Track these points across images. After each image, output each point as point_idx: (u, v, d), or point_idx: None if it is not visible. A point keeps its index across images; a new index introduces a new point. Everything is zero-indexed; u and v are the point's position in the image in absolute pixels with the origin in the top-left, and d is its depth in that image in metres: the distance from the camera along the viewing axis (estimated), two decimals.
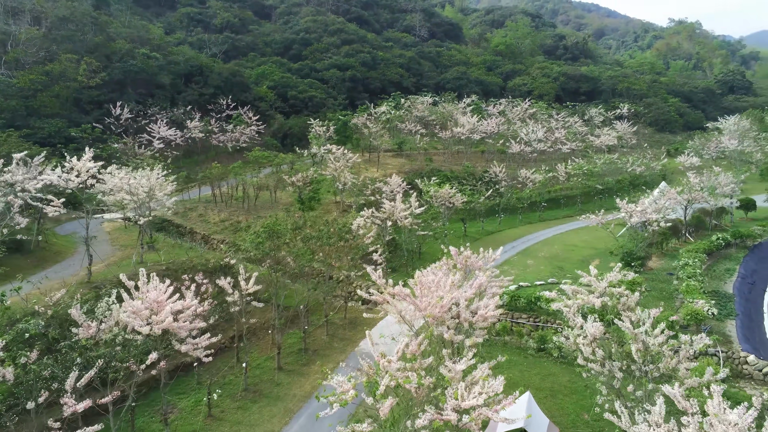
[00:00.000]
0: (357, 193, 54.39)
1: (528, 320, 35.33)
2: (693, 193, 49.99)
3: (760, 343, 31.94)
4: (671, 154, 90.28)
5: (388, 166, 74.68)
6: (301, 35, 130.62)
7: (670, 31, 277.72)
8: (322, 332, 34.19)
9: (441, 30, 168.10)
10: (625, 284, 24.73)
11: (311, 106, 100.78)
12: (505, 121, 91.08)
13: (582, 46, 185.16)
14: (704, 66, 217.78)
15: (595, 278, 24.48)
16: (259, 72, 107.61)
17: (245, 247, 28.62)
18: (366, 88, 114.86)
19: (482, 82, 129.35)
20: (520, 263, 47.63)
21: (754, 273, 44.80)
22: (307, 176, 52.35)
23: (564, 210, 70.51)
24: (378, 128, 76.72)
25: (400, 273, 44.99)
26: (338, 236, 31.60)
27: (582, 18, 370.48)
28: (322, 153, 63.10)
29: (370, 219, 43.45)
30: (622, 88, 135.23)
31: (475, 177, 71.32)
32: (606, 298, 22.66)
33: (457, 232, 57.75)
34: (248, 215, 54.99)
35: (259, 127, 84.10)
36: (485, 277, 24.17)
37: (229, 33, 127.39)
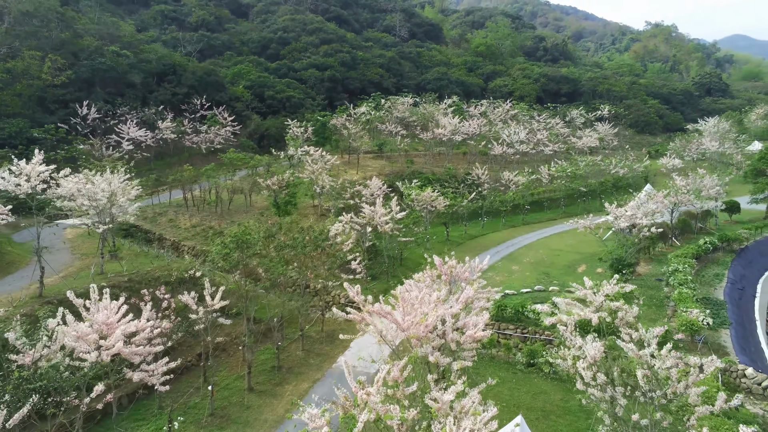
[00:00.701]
0: (335, 196, 52.21)
1: (515, 331, 33.59)
2: (679, 196, 48.88)
3: (757, 354, 30.66)
4: (653, 155, 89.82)
5: (368, 168, 72.64)
6: (279, 34, 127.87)
7: (646, 33, 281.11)
8: (297, 347, 31.95)
9: (421, 30, 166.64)
10: (623, 297, 22.99)
11: (289, 106, 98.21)
12: (486, 122, 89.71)
13: (562, 47, 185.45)
14: (681, 68, 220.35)
15: (591, 291, 22.68)
16: (236, 71, 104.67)
17: (211, 258, 26.27)
18: (345, 89, 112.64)
19: (463, 83, 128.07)
20: (505, 269, 45.98)
21: (742, 278, 43.82)
22: (283, 179, 49.97)
23: (547, 213, 69.25)
24: (357, 129, 74.63)
25: (380, 281, 43.04)
26: (314, 244, 29.42)
27: (560, 20, 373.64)
28: (299, 155, 60.74)
29: (349, 224, 41.39)
30: (602, 90, 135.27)
31: (457, 179, 69.67)
32: (603, 313, 20.88)
33: (440, 237, 56.00)
34: (221, 220, 52.45)
35: (235, 127, 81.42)
36: (472, 290, 22.24)
37: (204, 31, 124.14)
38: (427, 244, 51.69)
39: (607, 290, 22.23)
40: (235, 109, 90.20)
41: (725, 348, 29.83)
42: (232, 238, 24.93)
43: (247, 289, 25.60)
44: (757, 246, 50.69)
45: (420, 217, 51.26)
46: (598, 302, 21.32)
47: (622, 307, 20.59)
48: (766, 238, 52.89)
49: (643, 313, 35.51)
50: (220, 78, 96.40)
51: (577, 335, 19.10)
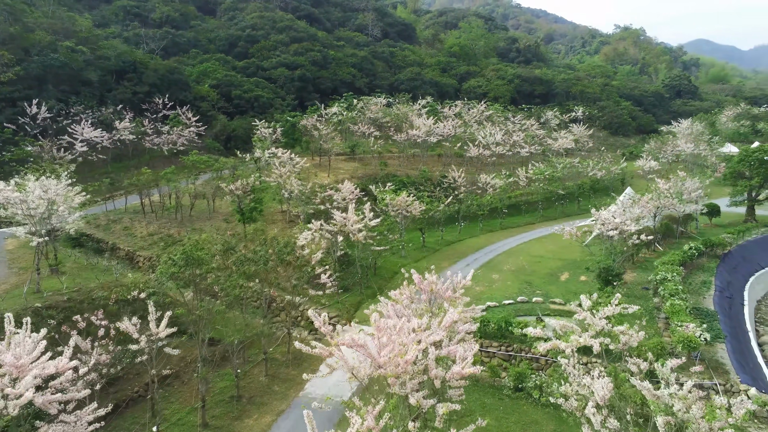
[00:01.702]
0: (305, 201, 49.01)
1: (499, 349, 31.01)
2: (662, 200, 47.20)
3: (756, 371, 28.71)
4: (629, 157, 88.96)
5: (340, 171, 69.58)
6: (248, 32, 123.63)
7: (616, 37, 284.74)
8: (260, 372, 28.72)
9: (394, 30, 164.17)
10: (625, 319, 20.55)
11: (257, 106, 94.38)
12: (461, 123, 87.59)
13: (534, 49, 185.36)
14: (650, 71, 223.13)
15: (590, 312, 20.13)
16: (201, 70, 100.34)
17: (157, 278, 22.93)
18: (317, 88, 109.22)
19: (437, 83, 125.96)
20: (485, 278, 43.48)
21: (729, 285, 42.27)
22: (248, 184, 46.54)
23: (525, 216, 67.26)
24: (329, 130, 71.52)
25: (353, 292, 40.09)
26: (279, 258, 26.29)
27: (531, 23, 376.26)
28: (266, 157, 57.31)
29: (319, 232, 38.32)
30: (575, 91, 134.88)
31: (432, 182, 67.22)
32: (606, 339, 18.34)
33: (416, 243, 53.35)
34: (181, 228, 48.76)
35: (200, 128, 77.39)
36: (457, 313, 19.49)
37: (169, 28, 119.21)
38: (402, 252, 49.02)
39: (608, 312, 19.68)
40: (200, 109, 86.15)
41: (723, 365, 27.77)
42: (181, 254, 21.69)
43: (199, 313, 22.32)
44: (739, 250, 49.43)
45: (395, 223, 48.50)
46: (599, 326, 18.77)
47: (627, 332, 18.07)
48: (747, 242, 51.79)
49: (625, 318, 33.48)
50: (184, 76, 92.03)
51: (581, 369, 16.45)
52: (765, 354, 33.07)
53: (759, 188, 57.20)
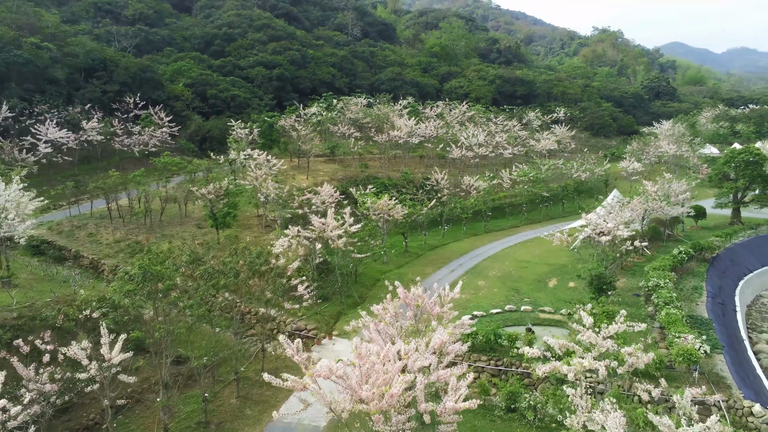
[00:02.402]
0: (282, 205, 46.71)
1: (488, 363, 29.15)
2: (651, 203, 46.01)
3: (756, 384, 27.36)
4: (611, 158, 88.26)
5: (319, 173, 67.33)
6: (224, 30, 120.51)
7: (594, 39, 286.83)
8: (231, 393, 26.45)
9: (374, 30, 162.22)
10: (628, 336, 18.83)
11: (234, 106, 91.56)
12: (443, 124, 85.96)
13: (515, 50, 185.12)
14: (628, 72, 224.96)
15: (592, 331, 18.35)
16: (175, 68, 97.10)
17: (110, 297, 20.52)
18: (295, 88, 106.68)
19: (418, 83, 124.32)
20: (471, 285, 41.67)
21: (720, 290, 41.20)
22: (221, 187, 44.06)
23: (510, 219, 65.84)
24: (308, 131, 69.14)
25: (332, 302, 37.99)
26: (251, 270, 24.08)
27: (511, 24, 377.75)
28: (241, 159, 54.85)
29: (296, 239, 36.12)
30: (557, 92, 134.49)
31: (414, 184, 65.33)
32: (614, 363, 16.57)
33: (398, 248, 51.42)
34: (150, 234, 46.10)
35: (173, 129, 74.37)
36: (446, 334, 17.57)
37: (142, 26, 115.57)
38: (385, 258, 47.04)
39: (612, 330, 17.92)
40: (173, 108, 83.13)
41: (724, 379, 26.33)
42: (138, 268, 19.38)
43: (158, 335, 20.00)
44: (727, 254, 48.57)
45: (376, 227, 46.49)
46: (605, 347, 16.99)
47: (636, 354, 16.33)
48: (735, 245, 51.00)
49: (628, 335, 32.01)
50: (157, 75, 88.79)
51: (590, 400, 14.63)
52: (762, 363, 31.88)
53: (744, 190, 56.57)
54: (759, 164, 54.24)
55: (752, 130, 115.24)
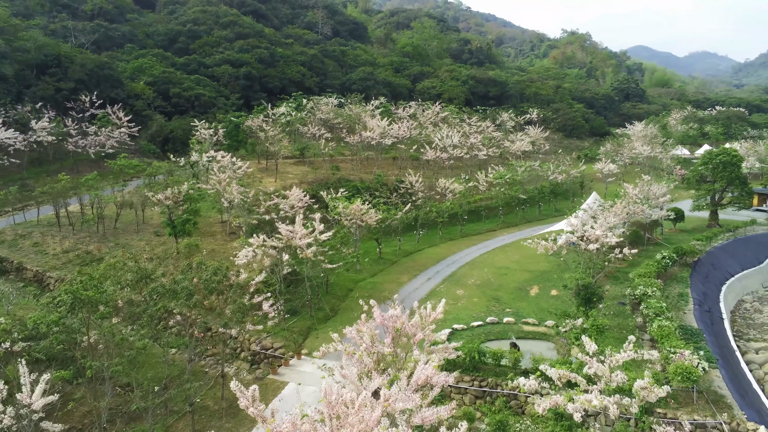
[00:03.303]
0: (247, 211, 43.63)
1: (471, 384, 26.84)
2: (632, 206, 44.55)
3: (756, 401, 25.74)
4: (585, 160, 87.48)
5: (289, 176, 64.33)
6: (189, 27, 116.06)
7: (563, 41, 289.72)
8: (186, 426, 23.46)
9: (345, 29, 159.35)
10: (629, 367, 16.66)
11: (198, 105, 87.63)
12: (417, 125, 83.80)
13: (486, 51, 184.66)
14: (597, 74, 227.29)
15: (597, 360, 16.09)
16: (136, 66, 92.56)
17: (32, 327, 17.39)
18: (263, 87, 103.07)
19: (390, 83, 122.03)
20: (449, 294, 39.39)
21: (705, 297, 39.92)
22: (179, 192, 40.75)
23: (486, 223, 63.95)
24: (276, 132, 65.95)
25: (302, 316, 35.20)
26: (207, 289, 21.19)
27: (481, 26, 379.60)
28: (204, 161, 51.51)
29: (262, 248, 33.22)
30: (529, 93, 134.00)
31: (388, 187, 62.94)
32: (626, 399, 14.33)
33: (372, 255, 48.82)
34: (103, 243, 42.49)
35: (132, 129, 70.26)
36: (431, 367, 15.09)
37: (101, 21, 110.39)
38: (358, 266, 44.41)
39: (620, 358, 15.70)
40: (134, 108, 78.93)
41: (724, 398, 24.55)
42: (66, 293, 16.35)
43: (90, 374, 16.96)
44: (708, 258, 47.55)
45: (348, 234, 43.81)
46: (616, 381, 14.75)
47: (650, 388, 14.13)
48: (714, 248, 50.09)
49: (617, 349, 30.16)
50: (116, 72, 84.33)
51: None
52: (755, 375, 30.42)
53: (722, 192, 55.88)
54: (736, 166, 53.55)
55: (720, 132, 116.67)
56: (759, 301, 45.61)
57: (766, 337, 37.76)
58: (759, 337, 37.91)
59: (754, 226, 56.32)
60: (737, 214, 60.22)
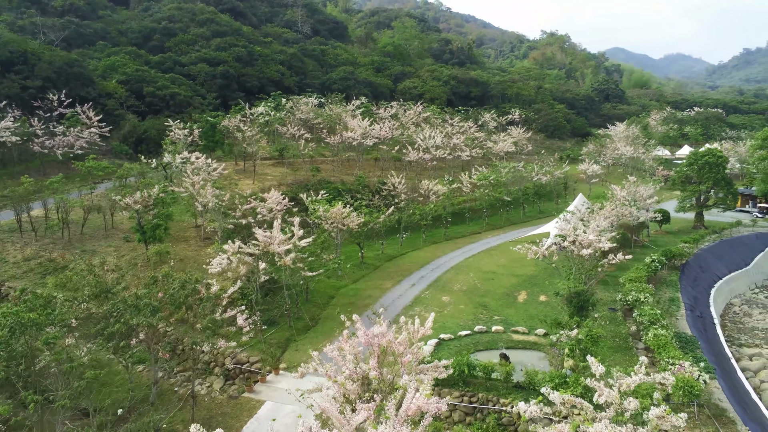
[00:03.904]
0: (222, 215, 41.52)
1: (460, 399, 25.29)
2: (621, 209, 43.55)
3: (758, 415, 24.66)
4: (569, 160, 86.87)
5: (267, 178, 62.22)
6: (164, 24, 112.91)
7: (543, 42, 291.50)
8: None
9: (325, 28, 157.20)
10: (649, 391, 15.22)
11: (173, 105, 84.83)
12: (398, 125, 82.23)
13: (467, 51, 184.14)
14: (576, 75, 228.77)
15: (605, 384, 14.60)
16: (108, 63, 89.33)
17: None
18: (241, 87, 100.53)
19: (371, 83, 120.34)
20: (434, 301, 37.94)
21: (696, 301, 39.04)
22: (149, 196, 38.50)
23: (470, 225, 62.65)
24: (254, 132, 63.72)
25: (280, 326, 33.33)
26: (173, 304, 19.26)
27: (461, 27, 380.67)
28: (177, 163, 49.20)
29: (237, 256, 31.27)
30: (511, 94, 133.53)
31: (370, 189, 61.25)
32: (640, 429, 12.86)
33: (353, 259, 47.18)
34: (68, 249, 40.02)
35: (102, 129, 67.33)
36: (423, 396, 13.45)
37: (72, 17, 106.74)
38: (339, 271, 42.66)
39: (631, 382, 14.25)
40: (105, 107, 75.88)
41: (726, 412, 23.35)
42: (4, 315, 14.33)
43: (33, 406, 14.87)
44: (696, 260, 46.88)
45: (329, 238, 42.01)
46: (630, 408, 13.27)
47: (666, 417, 12.70)
48: (702, 250, 49.48)
49: (612, 359, 28.94)
50: (86, 70, 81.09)
51: None
52: (751, 383, 29.42)
53: (707, 193, 55.36)
54: (722, 166, 53.03)
55: (699, 132, 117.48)
56: (747, 304, 45.02)
57: (758, 342, 37.00)
58: (751, 342, 37.13)
59: (739, 227, 55.92)
60: (722, 215, 59.88)
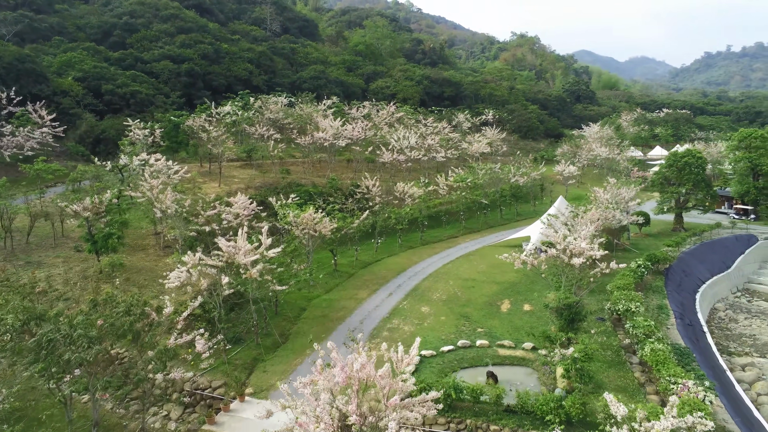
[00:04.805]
0: (184, 222, 38.33)
1: (447, 427, 22.95)
2: (606, 212, 41.98)
3: (759, 430, 23.02)
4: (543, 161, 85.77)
5: (234, 180, 59.05)
6: (125, 19, 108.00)
7: (513, 43, 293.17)
8: None
9: (295, 26, 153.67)
10: None
11: (134, 104, 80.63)
12: (371, 125, 79.77)
13: (440, 52, 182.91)
14: (547, 77, 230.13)
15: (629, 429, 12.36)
16: (64, 60, 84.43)
17: None
18: (207, 85, 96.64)
19: (343, 83, 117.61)
20: (413, 312, 35.57)
21: (683, 308, 37.63)
22: (101, 202, 35.11)
23: (447, 229, 60.60)
24: (220, 132, 60.39)
25: (247, 344, 30.45)
26: (116, 334, 16.36)
27: (432, 28, 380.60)
28: (135, 165, 45.68)
29: (197, 268, 28.28)
30: (484, 94, 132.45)
31: (343, 192, 58.60)
32: None
33: (326, 267, 44.57)
34: (10, 261, 36.26)
35: (56, 129, 62.96)
36: None
37: (26, 11, 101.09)
38: (311, 281, 39.93)
39: (663, 428, 12.05)
40: (60, 106, 71.64)
41: None
42: None
43: None
44: (679, 264, 45.64)
45: (300, 245, 39.27)
46: None
47: None
48: (684, 254, 48.37)
49: (606, 376, 27.03)
50: (40, 67, 76.28)
51: None
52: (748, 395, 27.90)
53: (686, 195, 54.50)
54: (701, 168, 52.19)
55: (670, 133, 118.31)
56: (731, 309, 44.01)
57: (748, 350, 35.77)
58: (740, 350, 35.87)
59: (718, 229, 55.24)
60: (700, 217, 59.23)
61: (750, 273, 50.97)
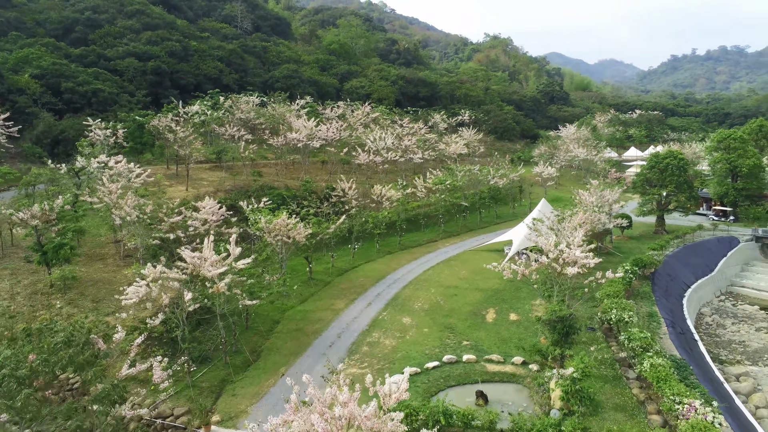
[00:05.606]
0: (146, 229, 35.44)
1: None
2: (592, 215, 40.56)
3: None
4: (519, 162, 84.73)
5: (203, 183, 56.10)
6: (87, 15, 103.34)
7: (486, 45, 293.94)
8: None
9: (267, 24, 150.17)
10: None
11: (96, 102, 76.63)
12: (346, 126, 77.43)
13: (414, 52, 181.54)
14: (520, 78, 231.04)
15: None
16: (21, 56, 79.91)
17: None
18: (175, 84, 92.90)
19: (316, 82, 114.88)
20: (394, 324, 33.45)
21: (673, 314, 36.40)
22: (51, 209, 32.02)
23: (426, 233, 58.72)
24: (188, 133, 57.24)
25: (214, 364, 27.90)
26: (51, 370, 13.78)
27: (406, 28, 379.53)
28: (93, 168, 42.47)
29: (159, 283, 25.60)
30: (460, 95, 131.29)
31: (318, 195, 56.13)
32: None
33: (301, 275, 42.18)
34: None
35: (11, 129, 59.07)
36: None
37: None
38: (285, 292, 37.38)
39: None
40: (16, 104, 67.64)
41: None
42: None
43: None
44: (664, 268, 44.61)
45: (273, 252, 36.79)
46: None
47: None
48: (668, 257, 47.38)
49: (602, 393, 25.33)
50: None
51: None
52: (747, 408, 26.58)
53: (667, 197, 53.70)
54: (683, 169, 51.41)
55: (644, 134, 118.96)
56: (717, 313, 43.11)
57: (740, 358, 34.68)
58: (732, 358, 34.77)
59: (700, 231, 54.61)
60: (681, 219, 58.63)
61: (732, 276, 50.39)
